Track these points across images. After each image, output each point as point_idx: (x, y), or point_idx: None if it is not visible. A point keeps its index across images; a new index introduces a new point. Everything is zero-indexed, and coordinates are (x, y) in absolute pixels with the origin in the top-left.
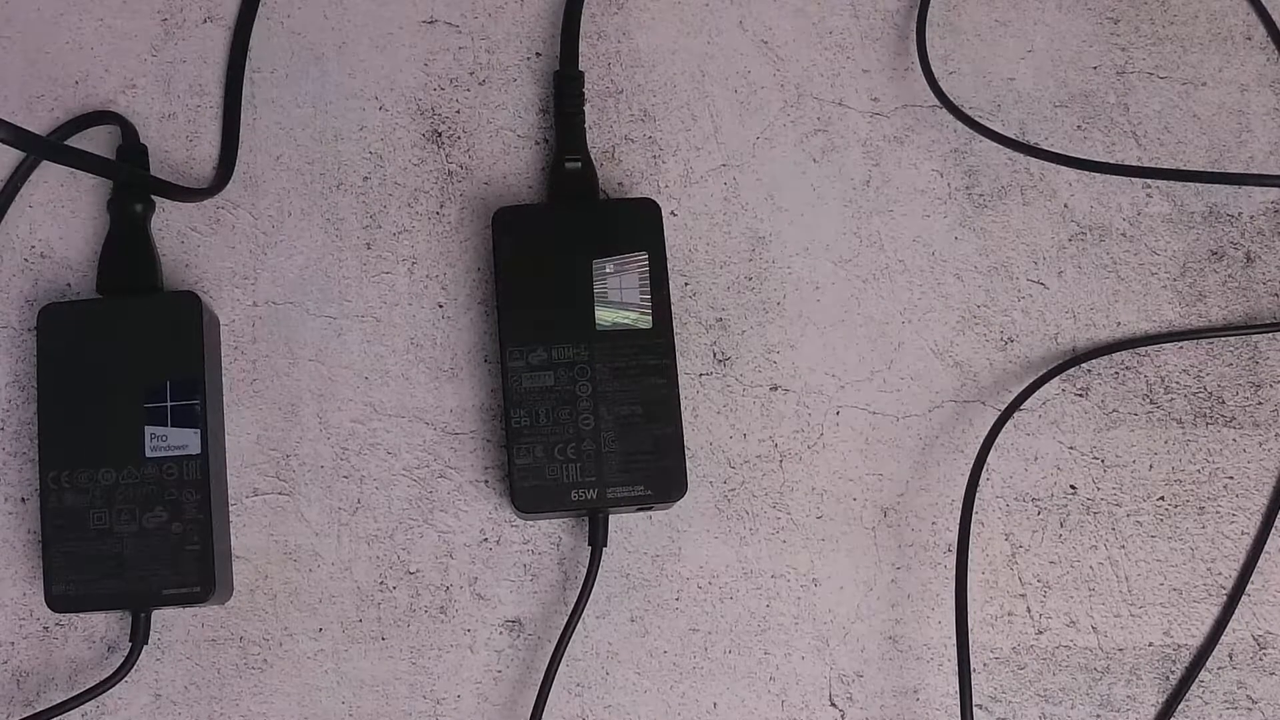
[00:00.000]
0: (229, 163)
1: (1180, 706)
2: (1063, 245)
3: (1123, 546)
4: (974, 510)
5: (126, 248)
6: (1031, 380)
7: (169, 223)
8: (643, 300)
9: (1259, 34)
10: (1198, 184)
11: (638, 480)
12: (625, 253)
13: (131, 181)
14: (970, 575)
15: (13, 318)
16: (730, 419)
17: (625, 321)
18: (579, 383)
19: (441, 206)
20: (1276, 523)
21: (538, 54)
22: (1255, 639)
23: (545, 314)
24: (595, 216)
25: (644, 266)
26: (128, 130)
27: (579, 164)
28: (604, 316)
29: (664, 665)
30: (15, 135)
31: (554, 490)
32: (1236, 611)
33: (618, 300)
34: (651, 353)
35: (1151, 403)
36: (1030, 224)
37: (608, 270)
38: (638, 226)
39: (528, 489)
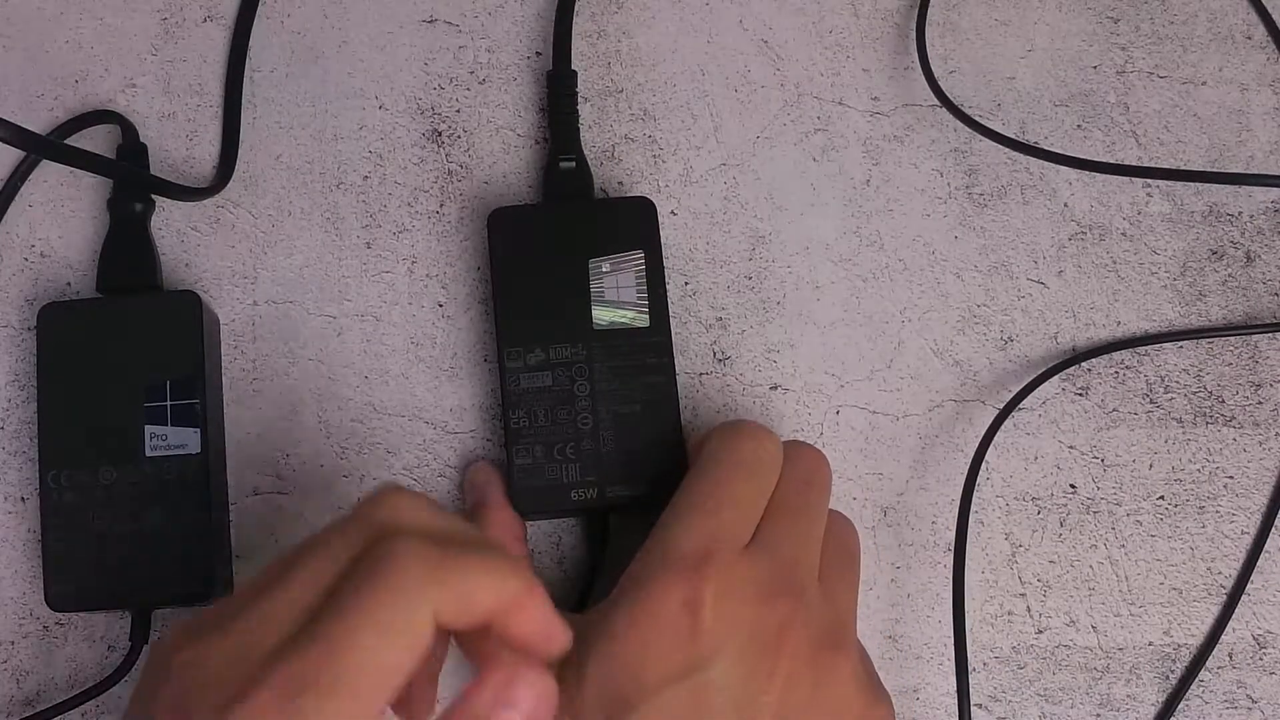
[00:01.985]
0: (229, 162)
1: (1180, 706)
2: (1063, 245)
3: (1123, 546)
4: (974, 509)
5: (126, 247)
6: (1031, 380)
7: (169, 222)
8: (640, 299)
9: (1259, 34)
10: (1198, 184)
11: (638, 479)
12: (621, 251)
13: (131, 181)
14: (970, 575)
15: (13, 317)
16: (730, 418)
17: (623, 320)
18: (577, 382)
19: (441, 206)
20: (1276, 522)
21: (538, 53)
22: (1255, 639)
23: (542, 314)
24: (591, 215)
25: (640, 265)
26: (128, 129)
27: (573, 163)
28: (601, 315)
29: None
30: (15, 134)
31: (554, 490)
32: (1236, 611)
33: (615, 299)
34: (650, 351)
35: (1151, 402)
36: (1030, 223)
37: (604, 269)
38: (633, 225)
39: (527, 489)
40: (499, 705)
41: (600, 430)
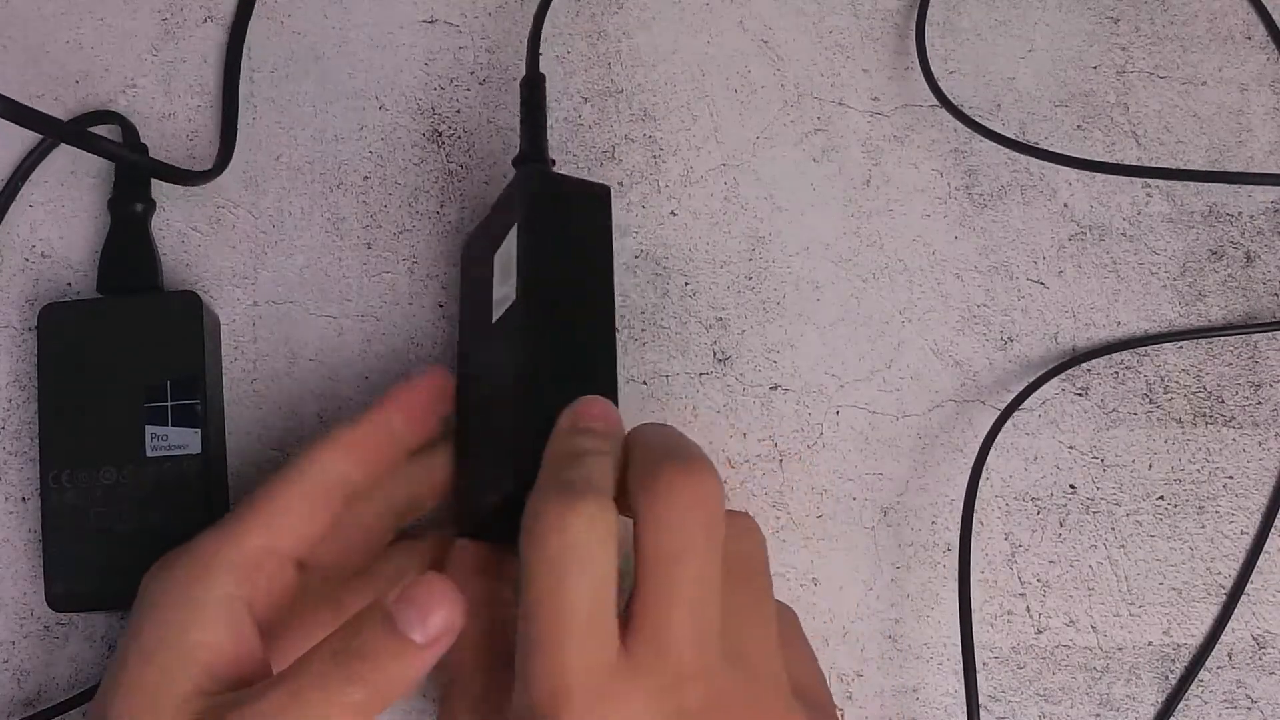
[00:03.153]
0: (228, 146)
1: (1180, 706)
2: (1062, 245)
3: (1122, 546)
4: (974, 510)
5: (127, 247)
6: (1031, 380)
7: (169, 222)
8: (517, 270)
9: (1259, 34)
10: (1198, 184)
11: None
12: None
13: (130, 165)
14: (969, 574)
15: (13, 317)
16: (730, 418)
17: (508, 302)
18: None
19: (441, 206)
20: (1276, 522)
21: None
22: (1255, 639)
23: (480, 315)
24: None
25: (514, 235)
26: (128, 129)
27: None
28: (499, 300)
29: None
30: (13, 110)
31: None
32: (1236, 611)
33: (507, 278)
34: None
35: (1151, 402)
36: (1030, 224)
37: (499, 252)
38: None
39: (470, 511)
40: (400, 603)
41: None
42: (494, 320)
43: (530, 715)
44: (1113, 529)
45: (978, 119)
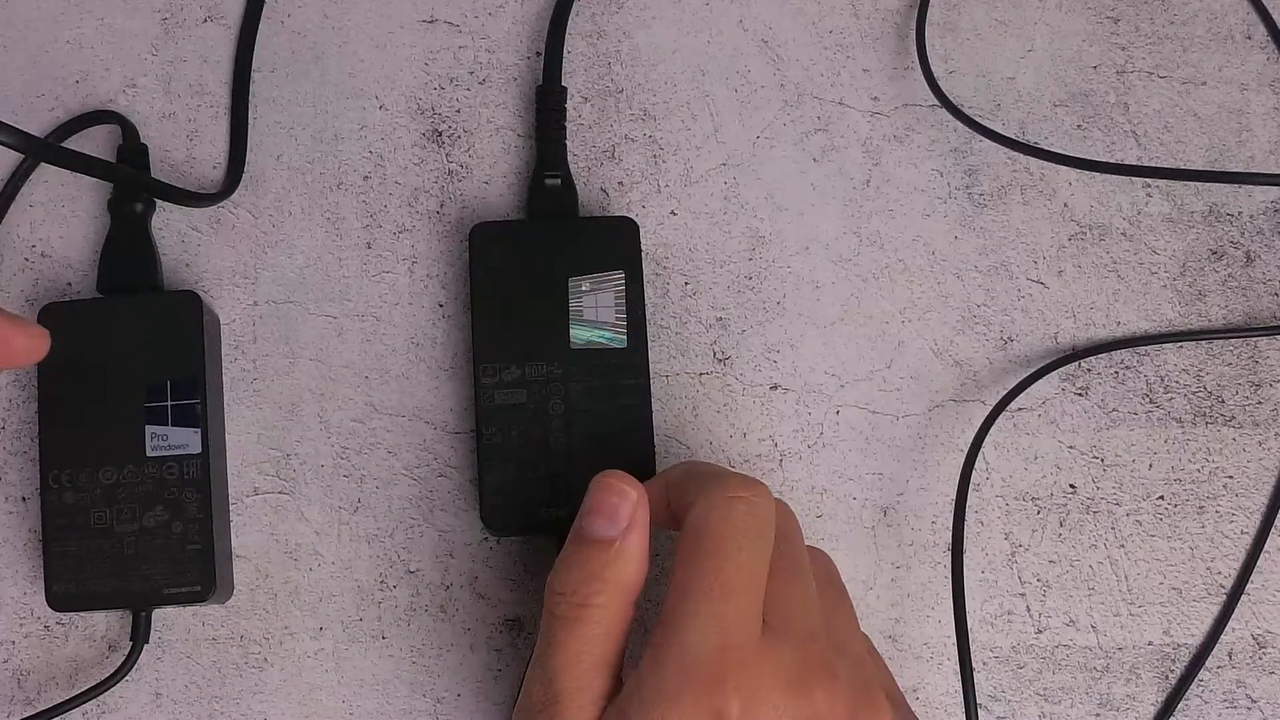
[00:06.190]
0: (237, 169)
1: (1180, 705)
2: (1062, 245)
3: (1122, 546)
4: (974, 509)
5: (127, 247)
6: (1027, 374)
7: (169, 222)
8: (618, 319)
9: (1259, 34)
10: (1198, 183)
11: None
12: (602, 270)
13: (140, 187)
14: (970, 575)
15: None
16: (730, 418)
17: (600, 340)
18: (551, 401)
19: (442, 206)
20: (1276, 522)
21: (538, 53)
22: (1255, 638)
23: (519, 331)
24: (572, 234)
25: (620, 285)
26: (128, 129)
27: (558, 180)
28: (579, 335)
29: None
30: (21, 140)
31: (523, 508)
32: (1236, 611)
33: (593, 319)
34: (626, 373)
35: (1151, 402)
36: (1030, 224)
37: (584, 288)
38: (615, 244)
39: (497, 506)
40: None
41: (572, 451)
42: (572, 346)
43: (690, 669)
44: (1113, 529)
45: (978, 119)
